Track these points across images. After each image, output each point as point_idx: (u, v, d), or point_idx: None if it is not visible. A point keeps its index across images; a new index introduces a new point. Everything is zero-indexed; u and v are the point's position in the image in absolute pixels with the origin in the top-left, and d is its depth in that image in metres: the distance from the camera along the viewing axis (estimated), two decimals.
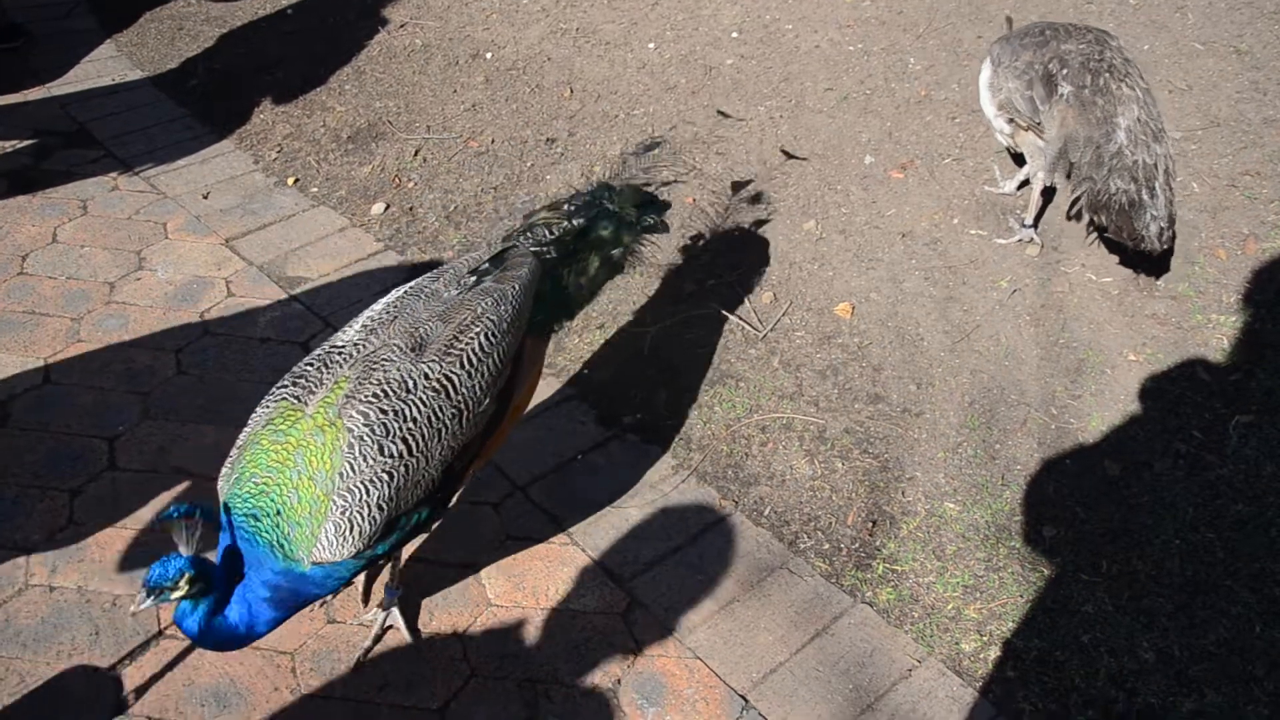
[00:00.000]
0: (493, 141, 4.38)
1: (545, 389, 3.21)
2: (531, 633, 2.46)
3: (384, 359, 2.12)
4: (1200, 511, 2.76)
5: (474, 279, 2.37)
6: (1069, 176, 3.46)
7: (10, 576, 2.54)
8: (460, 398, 2.14)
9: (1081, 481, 2.88)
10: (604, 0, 5.20)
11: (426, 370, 2.12)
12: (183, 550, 1.91)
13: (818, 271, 3.66)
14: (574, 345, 3.39)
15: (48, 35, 5.27)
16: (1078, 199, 3.40)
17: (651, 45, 4.76)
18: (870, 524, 2.76)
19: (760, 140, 4.19)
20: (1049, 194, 3.66)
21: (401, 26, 5.17)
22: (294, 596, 2.05)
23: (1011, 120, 3.59)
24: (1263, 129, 3.82)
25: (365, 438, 2.00)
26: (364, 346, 2.17)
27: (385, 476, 2.00)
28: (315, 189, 4.17)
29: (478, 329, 2.22)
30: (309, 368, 2.16)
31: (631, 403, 3.16)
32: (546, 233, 2.64)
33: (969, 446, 3.02)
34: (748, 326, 3.44)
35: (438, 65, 4.88)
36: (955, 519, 2.78)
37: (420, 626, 2.46)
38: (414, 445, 2.05)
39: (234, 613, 2.01)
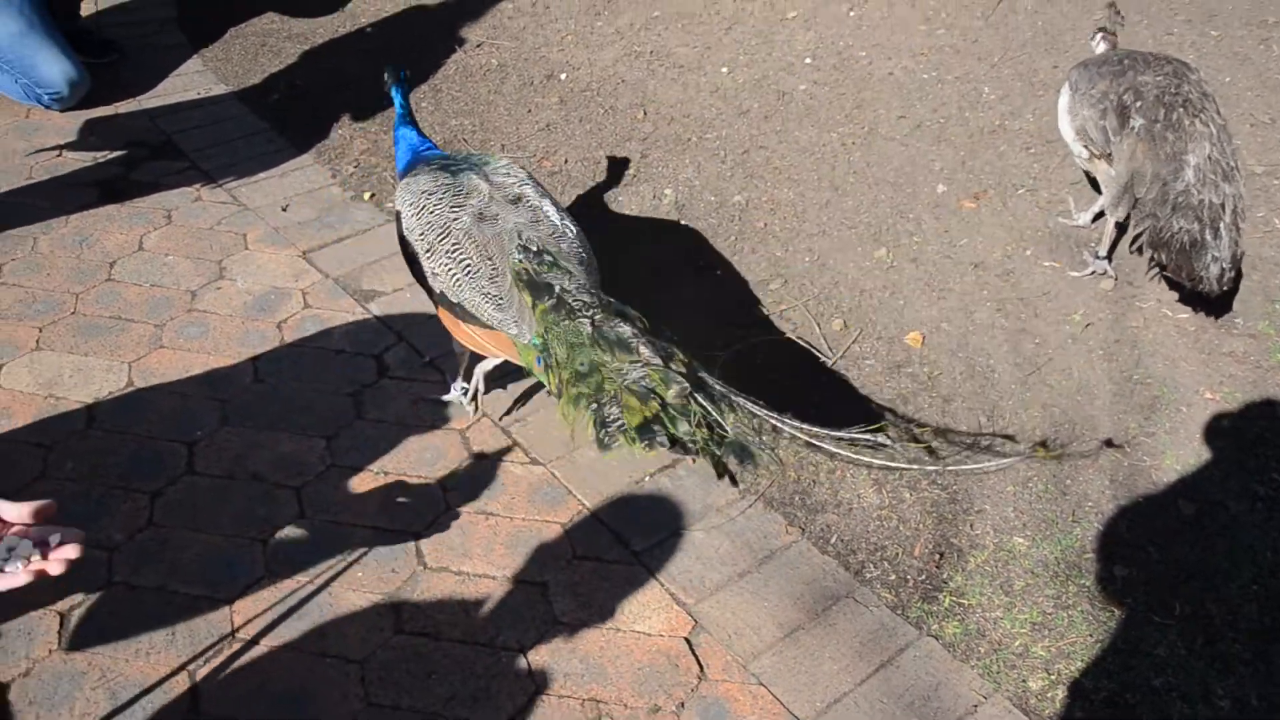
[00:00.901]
0: (565, 161, 4.43)
1: None
2: (596, 651, 2.47)
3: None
4: (1278, 558, 2.70)
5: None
6: (1134, 210, 3.42)
7: (95, 574, 2.61)
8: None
9: (1155, 521, 2.83)
10: (678, 25, 5.24)
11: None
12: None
13: (888, 300, 3.64)
14: None
15: (139, 51, 5.44)
16: (1140, 234, 3.37)
17: (725, 70, 4.79)
18: (937, 556, 2.74)
19: (833, 167, 4.19)
20: (1123, 227, 3.62)
21: (478, 46, 5.26)
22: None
23: (1087, 146, 3.56)
24: None
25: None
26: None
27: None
28: (391, 204, 4.25)
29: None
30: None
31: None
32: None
33: (1039, 481, 2.98)
34: (817, 353, 3.44)
35: (513, 85, 4.95)
36: (1024, 554, 2.74)
37: (488, 642, 2.49)
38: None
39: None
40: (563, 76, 5.00)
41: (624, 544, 2.75)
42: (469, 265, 2.64)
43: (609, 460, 3.01)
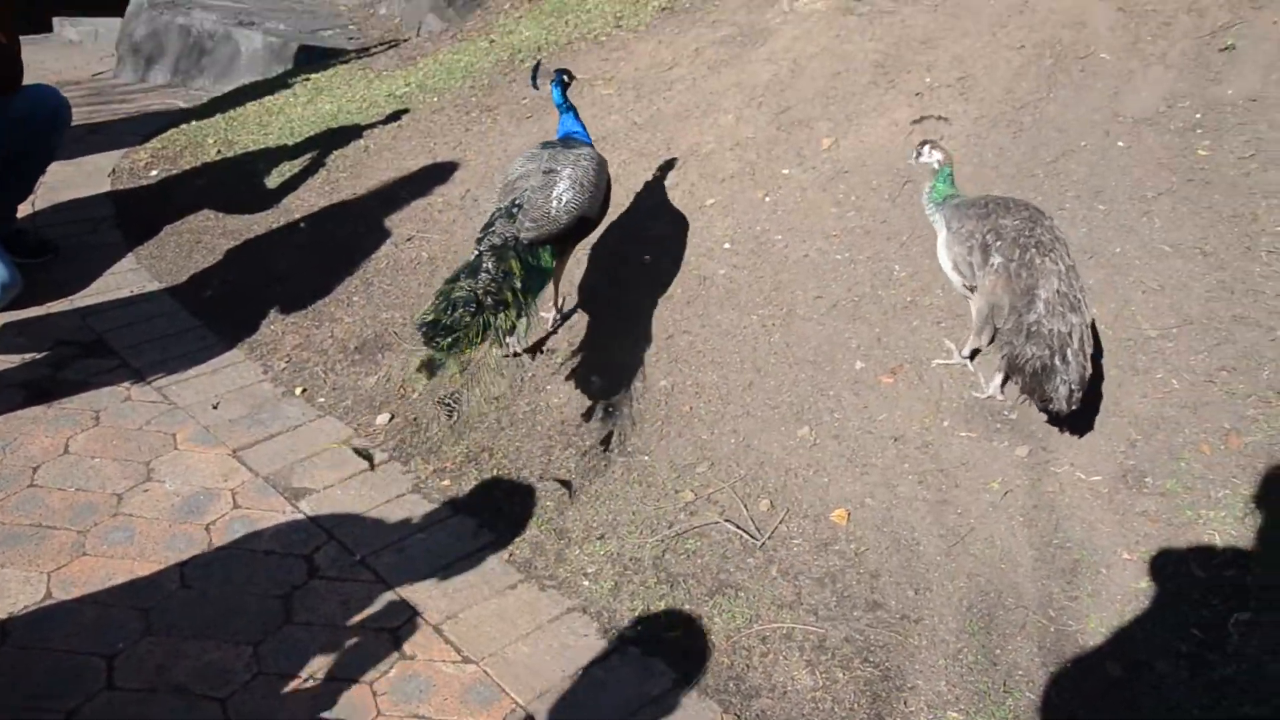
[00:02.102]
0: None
1: (546, 602, 3.24)
2: None
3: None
4: (1206, 714, 2.74)
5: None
6: (994, 340, 3.75)
7: None
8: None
9: (1084, 685, 2.88)
10: (606, 215, 5.46)
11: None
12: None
13: (813, 478, 3.73)
14: (574, 556, 3.43)
15: (74, 250, 5.53)
16: (1001, 359, 3.66)
17: (647, 258, 4.98)
18: None
19: (754, 348, 4.34)
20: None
21: (409, 240, 5.42)
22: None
23: (962, 279, 3.90)
24: (1233, 326, 3.96)
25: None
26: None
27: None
28: (322, 399, 4.29)
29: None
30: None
31: (632, 614, 3.18)
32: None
33: (969, 653, 3.02)
34: (745, 535, 3.50)
35: (442, 277, 5.07)
36: None
37: None
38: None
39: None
40: None
41: None
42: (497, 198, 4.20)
43: (543, 654, 3.00)
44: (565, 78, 4.59)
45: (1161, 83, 5.19)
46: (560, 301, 4.69)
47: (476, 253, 3.81)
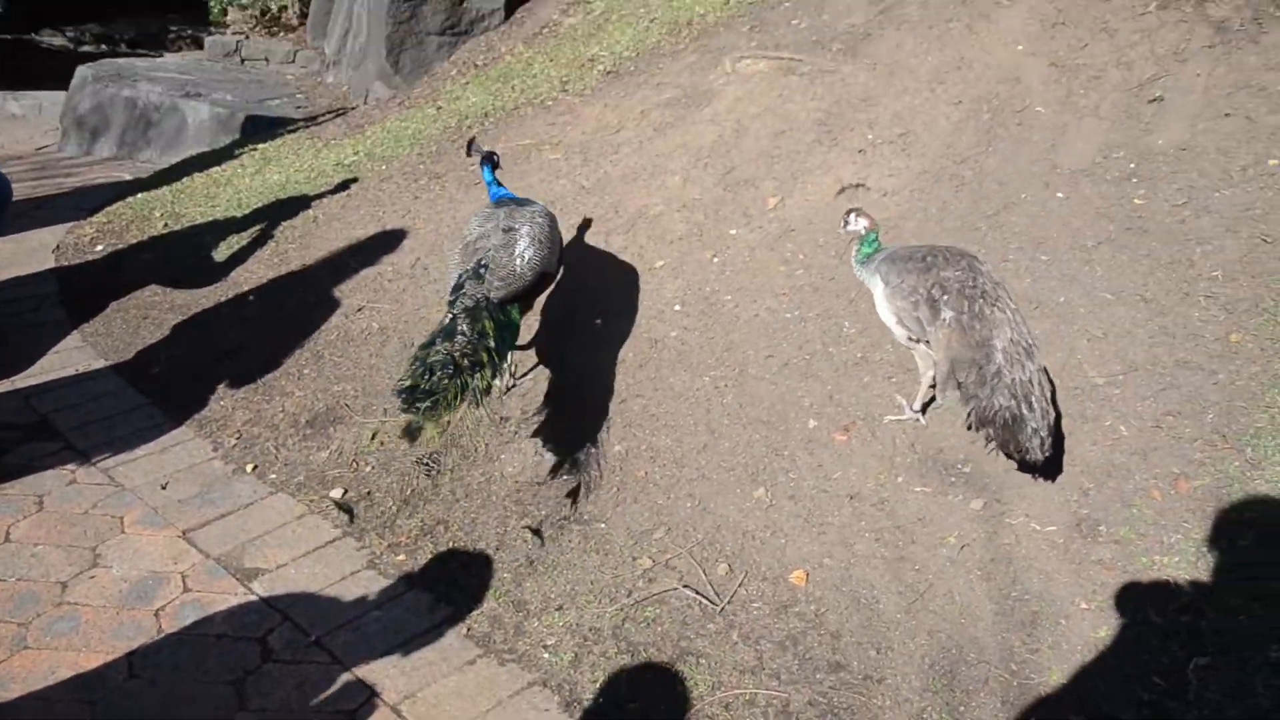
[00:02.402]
0: (448, 422, 4.50)
1: (506, 677, 3.20)
2: None
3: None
4: None
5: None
6: (960, 392, 3.72)
7: None
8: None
9: None
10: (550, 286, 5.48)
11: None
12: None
13: (770, 539, 3.73)
14: (533, 628, 3.39)
15: (17, 329, 5.43)
16: (969, 414, 3.65)
17: (598, 321, 4.99)
18: None
19: (708, 410, 4.35)
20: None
21: (359, 310, 5.40)
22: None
23: (907, 332, 3.92)
24: (1177, 371, 4.04)
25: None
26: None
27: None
28: (274, 475, 4.23)
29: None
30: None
31: (594, 686, 3.14)
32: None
33: (933, 711, 3.02)
34: (705, 600, 3.48)
35: (394, 348, 5.07)
36: None
37: None
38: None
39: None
40: None
41: None
42: (455, 261, 4.24)
43: None
44: (495, 158, 4.94)
45: (1095, 134, 5.32)
46: (514, 366, 4.70)
47: (450, 315, 3.86)
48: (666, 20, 8.04)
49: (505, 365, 4.08)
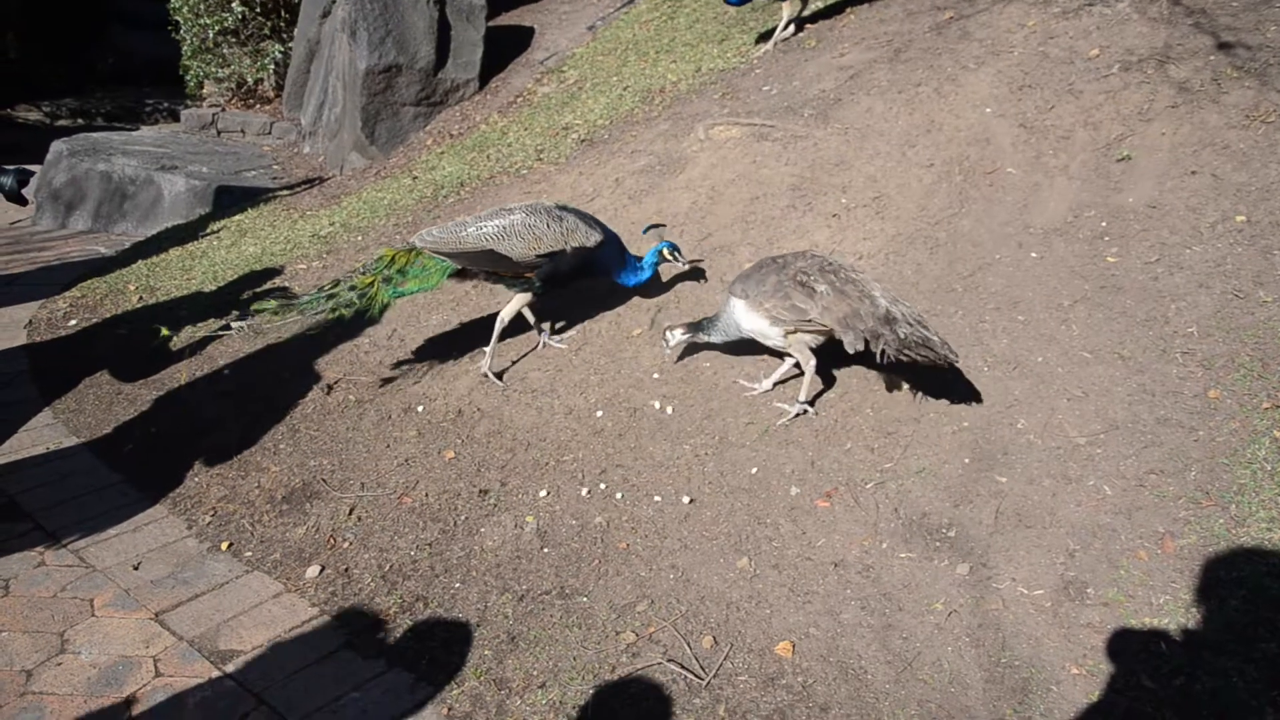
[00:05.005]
0: (426, 495, 4.44)
1: None
2: None
3: None
4: None
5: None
6: (869, 340, 4.11)
7: None
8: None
9: None
10: (530, 350, 5.46)
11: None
12: None
13: (755, 610, 3.67)
14: (515, 707, 3.31)
15: None
16: (884, 351, 4.07)
17: (577, 391, 4.97)
18: None
19: (688, 478, 4.31)
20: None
21: (335, 383, 5.35)
22: None
23: (782, 327, 4.31)
24: (1158, 428, 4.03)
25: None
26: None
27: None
28: (249, 553, 4.15)
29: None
30: None
31: None
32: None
33: None
34: (690, 674, 3.41)
35: (370, 421, 5.02)
36: None
37: None
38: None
39: None
40: (419, 409, 5.10)
41: None
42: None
43: None
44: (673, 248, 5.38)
45: (1066, 194, 5.38)
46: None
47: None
48: (639, 88, 8.13)
49: (397, 292, 4.86)
